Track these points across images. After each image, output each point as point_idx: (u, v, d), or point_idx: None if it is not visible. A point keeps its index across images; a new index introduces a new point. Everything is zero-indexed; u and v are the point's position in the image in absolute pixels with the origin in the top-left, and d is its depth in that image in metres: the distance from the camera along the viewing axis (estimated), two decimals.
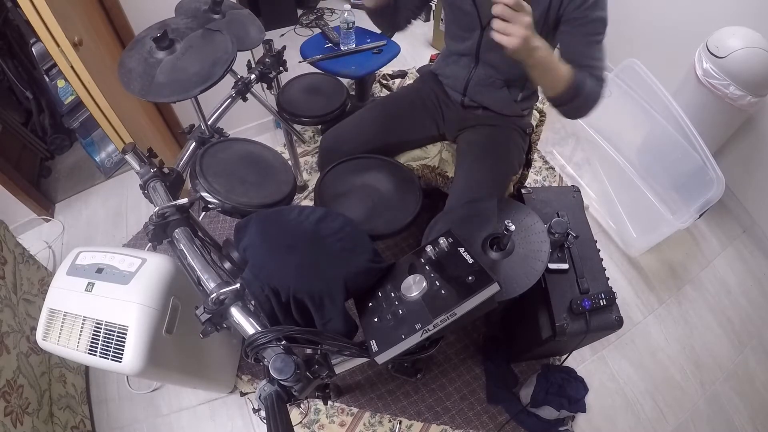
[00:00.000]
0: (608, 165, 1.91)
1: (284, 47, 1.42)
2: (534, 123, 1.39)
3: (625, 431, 1.47)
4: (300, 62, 1.87)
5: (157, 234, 0.86)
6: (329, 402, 1.45)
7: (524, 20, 0.76)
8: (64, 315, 0.96)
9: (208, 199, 0.99)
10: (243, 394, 1.48)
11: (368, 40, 1.91)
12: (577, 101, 0.94)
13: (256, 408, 0.66)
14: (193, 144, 1.17)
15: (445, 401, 1.49)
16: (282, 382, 0.64)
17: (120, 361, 0.94)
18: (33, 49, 1.86)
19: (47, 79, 1.93)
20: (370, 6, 1.12)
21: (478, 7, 1.07)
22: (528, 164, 1.43)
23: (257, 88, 1.37)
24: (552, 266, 1.16)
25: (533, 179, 2.12)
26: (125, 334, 0.94)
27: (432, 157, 1.35)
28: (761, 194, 1.91)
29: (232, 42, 0.98)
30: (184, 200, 0.88)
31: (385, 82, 2.48)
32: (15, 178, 1.82)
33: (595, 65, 0.96)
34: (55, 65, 1.79)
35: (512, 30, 0.76)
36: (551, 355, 1.55)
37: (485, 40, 1.11)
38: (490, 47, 1.12)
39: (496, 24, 0.77)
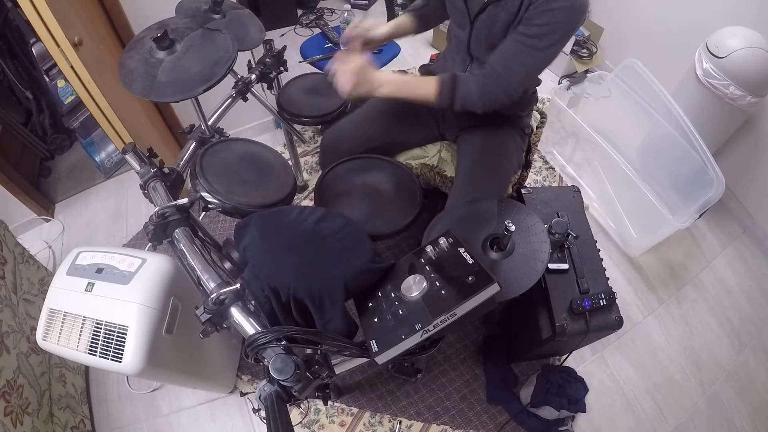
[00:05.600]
0: (608, 165, 1.90)
1: (284, 47, 1.42)
2: (534, 125, 1.39)
3: (625, 431, 1.48)
4: (300, 62, 1.87)
5: (157, 234, 0.86)
6: (329, 402, 1.45)
7: (350, 73, 0.97)
8: (64, 315, 0.96)
9: (208, 199, 0.99)
10: (243, 394, 1.48)
11: None
12: (456, 105, 1.03)
13: (256, 408, 0.66)
14: (194, 144, 1.18)
15: (445, 401, 1.49)
16: (282, 382, 0.64)
17: (120, 361, 0.94)
18: (33, 49, 1.86)
19: (47, 79, 1.93)
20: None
21: (468, 2, 1.05)
22: (528, 165, 1.43)
23: (257, 88, 1.37)
24: (552, 266, 1.16)
25: (533, 179, 2.12)
26: (125, 334, 0.94)
27: (431, 156, 1.35)
28: (761, 194, 1.91)
29: (232, 41, 0.98)
30: (184, 200, 0.88)
31: None
32: (15, 178, 1.82)
33: (504, 73, 0.97)
34: (55, 65, 1.79)
35: (342, 80, 0.98)
36: (551, 355, 1.55)
37: (474, 35, 1.09)
38: (477, 43, 1.10)
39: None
